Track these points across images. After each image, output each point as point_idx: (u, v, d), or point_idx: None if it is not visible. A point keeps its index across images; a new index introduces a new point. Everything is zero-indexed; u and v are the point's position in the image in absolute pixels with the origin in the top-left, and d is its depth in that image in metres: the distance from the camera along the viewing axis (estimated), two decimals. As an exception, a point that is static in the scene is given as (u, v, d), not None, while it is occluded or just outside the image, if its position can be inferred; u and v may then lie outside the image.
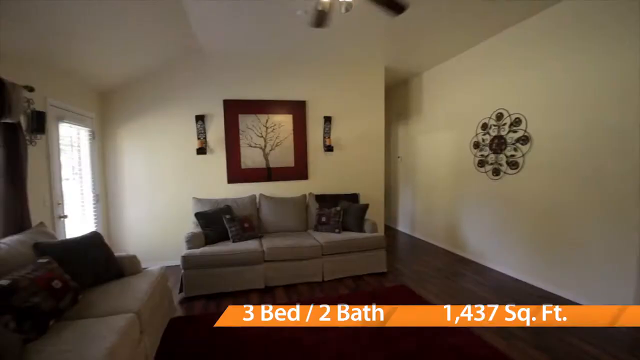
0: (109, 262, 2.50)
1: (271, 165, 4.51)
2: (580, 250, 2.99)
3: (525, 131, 3.46)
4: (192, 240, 3.37)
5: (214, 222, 3.69)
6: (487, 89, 4.02)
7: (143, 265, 2.80)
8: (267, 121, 4.46)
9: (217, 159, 4.37)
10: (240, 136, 4.37)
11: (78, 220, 3.44)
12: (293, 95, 4.57)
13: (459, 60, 4.50)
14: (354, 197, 4.47)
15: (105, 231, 3.95)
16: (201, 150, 4.24)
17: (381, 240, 3.82)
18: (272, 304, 3.06)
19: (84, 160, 3.66)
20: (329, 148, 4.64)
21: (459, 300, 3.15)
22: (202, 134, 4.27)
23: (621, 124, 2.64)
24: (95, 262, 2.39)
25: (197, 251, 3.30)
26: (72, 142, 3.42)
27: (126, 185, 4.18)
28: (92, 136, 3.80)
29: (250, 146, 4.42)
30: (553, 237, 3.26)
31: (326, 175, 4.74)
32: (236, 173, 4.40)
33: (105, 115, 4.06)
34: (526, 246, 3.56)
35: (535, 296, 3.19)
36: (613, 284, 2.74)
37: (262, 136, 4.45)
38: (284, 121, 4.52)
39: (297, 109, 4.56)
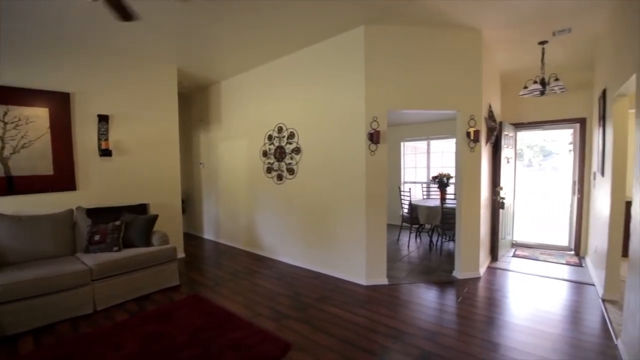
0: None
1: (14, 174, 3.37)
2: (336, 235, 3.89)
3: (297, 143, 4.19)
4: None
5: None
6: (271, 104, 4.58)
7: None
8: (5, 114, 3.31)
9: None
10: (-49, 132, 3.05)
11: None
12: (51, 84, 3.60)
13: (250, 75, 4.91)
14: (141, 208, 4.01)
15: None
16: None
17: (171, 252, 3.60)
18: (9, 359, 2.30)
19: None
20: (105, 152, 3.94)
21: (248, 297, 3.39)
22: None
23: (354, 139, 3.61)
24: None
25: None
26: None
27: None
28: None
29: (-28, 147, 3.16)
30: (319, 227, 4.08)
31: (103, 185, 4.01)
32: (-57, 185, 3.03)
33: None
34: (302, 238, 4.29)
35: (308, 277, 3.89)
36: (357, 257, 3.70)
37: (-6, 134, 3.27)
38: (35, 116, 3.49)
39: (57, 102, 3.63)
